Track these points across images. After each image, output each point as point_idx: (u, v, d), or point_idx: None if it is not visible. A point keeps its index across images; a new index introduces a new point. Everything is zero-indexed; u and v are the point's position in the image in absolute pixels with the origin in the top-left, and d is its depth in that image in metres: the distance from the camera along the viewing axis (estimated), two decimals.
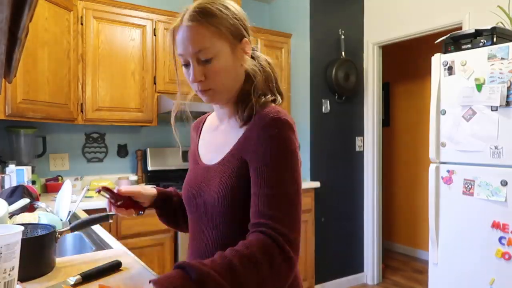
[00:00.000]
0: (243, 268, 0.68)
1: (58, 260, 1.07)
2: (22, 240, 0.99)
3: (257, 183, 0.79)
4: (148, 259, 2.33)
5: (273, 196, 0.77)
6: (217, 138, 0.96)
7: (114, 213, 1.22)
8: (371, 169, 3.51)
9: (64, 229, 1.09)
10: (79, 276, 0.91)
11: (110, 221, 1.22)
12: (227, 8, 0.85)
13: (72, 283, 0.90)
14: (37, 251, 0.97)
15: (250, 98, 0.86)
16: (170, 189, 1.13)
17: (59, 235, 1.04)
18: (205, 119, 1.10)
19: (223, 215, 0.85)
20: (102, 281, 0.94)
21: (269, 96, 0.89)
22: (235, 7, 0.88)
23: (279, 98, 0.92)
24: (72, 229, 1.11)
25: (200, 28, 0.82)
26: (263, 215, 0.76)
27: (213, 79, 0.85)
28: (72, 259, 1.11)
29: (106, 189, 0.98)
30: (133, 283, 0.94)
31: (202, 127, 1.08)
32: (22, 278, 0.93)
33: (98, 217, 1.20)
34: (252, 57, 0.92)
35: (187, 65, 0.87)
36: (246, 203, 0.81)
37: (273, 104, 0.88)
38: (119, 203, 1.00)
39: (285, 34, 3.40)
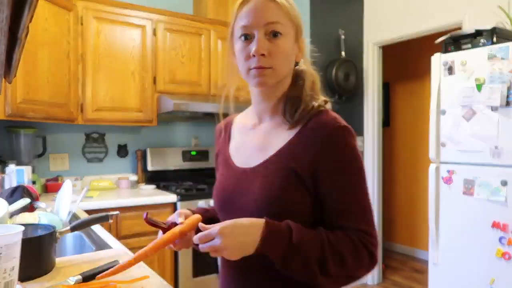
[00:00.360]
0: (333, 252, 0.75)
1: (58, 260, 1.07)
2: (22, 240, 0.99)
3: (333, 192, 0.80)
4: (148, 259, 2.33)
5: (351, 202, 0.80)
6: (257, 138, 0.90)
7: (114, 213, 1.22)
8: (371, 169, 3.51)
9: (64, 229, 1.09)
10: (79, 276, 0.91)
11: (110, 221, 1.22)
12: (295, 5, 0.89)
13: (72, 283, 0.90)
14: (37, 251, 0.97)
15: (301, 98, 0.85)
16: (205, 209, 1.03)
17: (59, 235, 1.04)
18: (233, 119, 1.02)
19: (268, 212, 0.79)
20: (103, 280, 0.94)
21: (321, 100, 0.88)
22: (297, 9, 0.91)
23: (327, 101, 0.90)
24: (72, 229, 1.11)
25: (278, 3, 0.83)
26: (348, 220, 0.80)
27: (276, 57, 0.82)
28: (72, 259, 1.11)
29: (151, 222, 0.88)
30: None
31: (231, 128, 1.00)
32: (22, 278, 0.93)
33: (98, 217, 1.20)
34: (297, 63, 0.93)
35: (247, 38, 0.82)
36: (290, 209, 0.79)
37: (326, 110, 0.86)
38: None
39: None
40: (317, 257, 0.73)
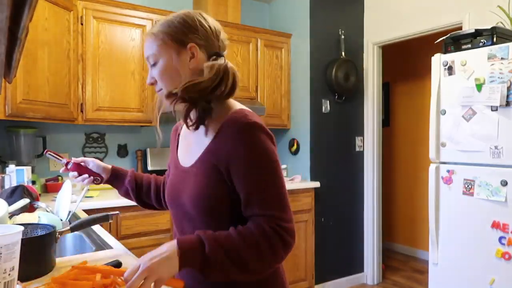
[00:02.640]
0: (248, 250, 0.81)
1: (58, 260, 1.07)
2: (22, 240, 0.99)
3: (244, 186, 0.85)
4: None
5: (261, 194, 0.85)
6: (191, 140, 0.99)
7: (114, 213, 1.22)
8: (371, 169, 3.51)
9: (64, 229, 1.09)
10: None
11: (110, 221, 1.22)
12: (177, 16, 0.94)
13: None
14: (37, 251, 0.97)
15: (198, 101, 0.90)
16: (128, 170, 1.23)
17: (59, 235, 1.04)
18: (182, 124, 1.11)
19: (200, 215, 0.90)
20: None
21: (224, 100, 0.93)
22: (189, 15, 0.94)
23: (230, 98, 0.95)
24: (72, 229, 1.11)
25: (150, 37, 0.95)
26: (258, 209, 0.85)
27: (159, 81, 0.94)
28: (72, 259, 1.11)
29: (51, 152, 1.15)
30: None
31: (180, 130, 1.10)
32: (22, 278, 0.93)
33: (98, 217, 1.20)
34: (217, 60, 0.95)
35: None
36: (221, 202, 0.88)
37: (240, 109, 0.91)
38: (68, 166, 1.15)
39: (285, 34, 3.40)
40: (233, 260, 0.80)
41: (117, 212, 1.32)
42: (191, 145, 0.98)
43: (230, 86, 0.92)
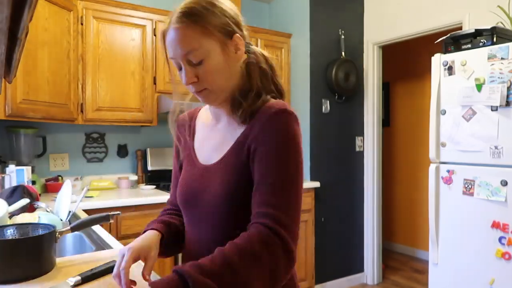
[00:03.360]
0: (244, 266, 0.70)
1: (58, 260, 1.07)
2: (22, 239, 0.99)
3: (261, 172, 0.79)
4: None
5: (277, 185, 0.77)
6: (215, 136, 0.92)
7: (114, 213, 1.22)
8: (371, 169, 3.51)
9: (64, 229, 1.09)
10: (78, 277, 0.91)
11: (111, 221, 1.22)
12: (213, 5, 0.83)
13: (72, 283, 0.90)
14: (37, 250, 0.97)
15: (246, 99, 0.85)
16: (164, 219, 1.00)
17: (59, 235, 1.04)
18: (197, 113, 1.04)
19: (225, 215, 0.84)
20: (102, 280, 0.94)
21: (266, 96, 0.87)
22: (223, 3, 0.85)
23: (280, 91, 0.91)
24: (73, 229, 1.11)
25: (187, 29, 0.80)
26: (267, 204, 0.77)
27: (206, 79, 0.83)
28: (72, 259, 1.11)
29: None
30: None
31: (195, 122, 1.02)
32: (22, 278, 0.93)
33: (98, 217, 1.20)
34: (248, 52, 0.89)
35: (179, 67, 0.85)
36: (247, 203, 0.81)
37: (272, 100, 0.86)
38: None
39: (285, 34, 3.40)
40: (229, 285, 0.68)
41: (118, 212, 1.32)
42: (215, 139, 0.92)
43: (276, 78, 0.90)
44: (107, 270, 0.98)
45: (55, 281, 0.94)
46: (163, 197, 2.46)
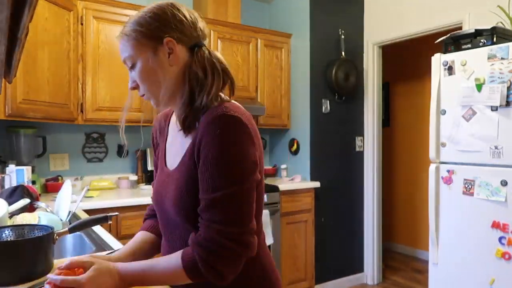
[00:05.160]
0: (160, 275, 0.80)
1: (56, 261, 1.06)
2: (20, 241, 0.99)
3: (201, 186, 0.79)
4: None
5: (213, 200, 0.77)
6: (177, 141, 0.92)
7: (113, 214, 1.22)
8: (371, 169, 3.51)
9: (62, 231, 1.08)
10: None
11: (109, 222, 1.22)
12: (148, 12, 0.86)
13: None
14: (34, 252, 0.96)
15: (182, 108, 0.84)
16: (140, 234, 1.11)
17: (57, 237, 1.03)
18: (171, 115, 1.01)
19: (180, 221, 0.85)
20: None
21: (208, 100, 0.82)
22: (161, 8, 0.85)
23: (223, 96, 0.86)
24: (71, 231, 1.11)
25: (122, 38, 0.87)
26: (205, 217, 0.78)
27: (141, 84, 0.87)
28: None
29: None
30: None
31: (168, 125, 1.00)
32: (19, 280, 0.93)
33: (97, 218, 1.19)
34: (196, 54, 0.86)
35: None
36: (197, 207, 0.81)
37: (222, 102, 0.83)
38: None
39: (285, 34, 3.40)
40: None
41: (116, 213, 1.32)
42: (177, 146, 0.91)
43: (221, 79, 0.84)
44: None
45: None
46: None
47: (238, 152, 0.77)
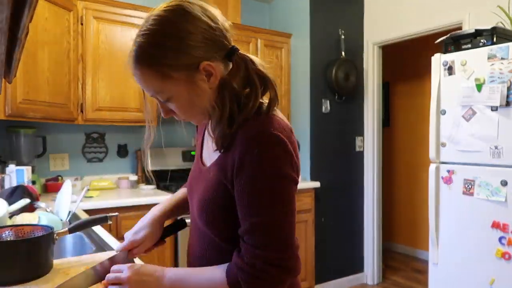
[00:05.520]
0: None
1: (56, 261, 1.06)
2: (19, 241, 0.99)
3: (241, 208, 0.76)
4: (148, 259, 2.33)
5: (248, 226, 0.74)
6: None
7: (113, 214, 1.22)
8: (371, 169, 3.51)
9: (62, 231, 1.08)
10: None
11: (109, 222, 1.22)
12: (166, 35, 0.74)
13: None
14: (35, 252, 0.96)
15: (216, 128, 0.79)
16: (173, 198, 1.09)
17: (57, 237, 1.03)
18: None
19: (203, 221, 0.84)
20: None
21: (245, 116, 0.77)
22: (182, 24, 0.73)
23: (267, 102, 0.81)
24: (71, 231, 1.11)
25: (144, 75, 0.76)
26: (247, 241, 0.75)
27: (179, 114, 0.82)
28: (70, 261, 1.10)
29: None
30: None
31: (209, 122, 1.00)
32: (18, 280, 0.93)
33: (96, 218, 1.19)
34: (233, 62, 0.80)
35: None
36: (223, 214, 0.80)
37: (261, 116, 0.77)
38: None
39: (285, 34, 3.40)
40: None
41: (116, 213, 1.32)
42: (211, 145, 0.87)
43: (263, 89, 0.80)
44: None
45: (53, 283, 0.93)
46: (163, 197, 2.46)
47: (278, 174, 0.73)
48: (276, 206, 0.73)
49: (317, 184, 3.19)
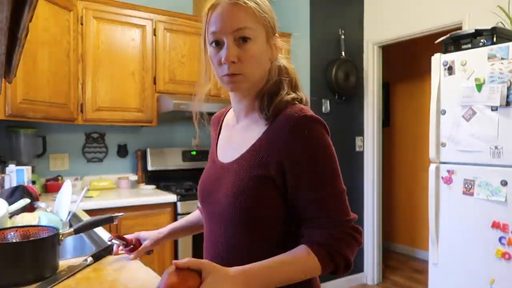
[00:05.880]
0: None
1: (61, 263, 1.06)
2: (25, 242, 0.98)
3: (299, 189, 0.78)
4: (148, 259, 2.33)
5: (321, 199, 0.78)
6: (235, 135, 0.92)
7: (119, 214, 1.23)
8: (371, 169, 3.51)
9: (68, 231, 1.06)
10: (91, 258, 1.04)
11: (115, 222, 1.22)
12: (264, 1, 0.87)
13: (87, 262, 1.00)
14: (40, 253, 0.95)
15: (279, 93, 0.85)
16: (183, 221, 1.15)
17: (62, 238, 1.02)
18: (225, 113, 1.04)
19: (234, 214, 0.81)
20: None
21: (294, 95, 0.87)
22: (268, 4, 0.89)
23: (304, 98, 0.90)
24: (76, 231, 1.09)
25: (244, 7, 0.81)
26: (319, 218, 0.79)
27: (246, 63, 0.81)
28: (75, 262, 1.10)
29: (117, 237, 1.11)
30: (133, 283, 0.94)
31: (222, 123, 1.02)
32: (25, 282, 0.92)
33: (102, 218, 1.19)
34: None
35: (218, 44, 0.82)
36: (257, 204, 0.79)
37: (297, 103, 0.85)
38: (130, 247, 1.13)
39: (285, 34, 3.40)
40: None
41: (122, 213, 1.32)
42: (234, 139, 0.91)
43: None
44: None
45: (58, 284, 0.93)
46: (163, 197, 2.46)
47: (328, 150, 0.80)
48: (335, 178, 0.80)
49: None
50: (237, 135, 0.91)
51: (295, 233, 0.82)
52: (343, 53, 3.36)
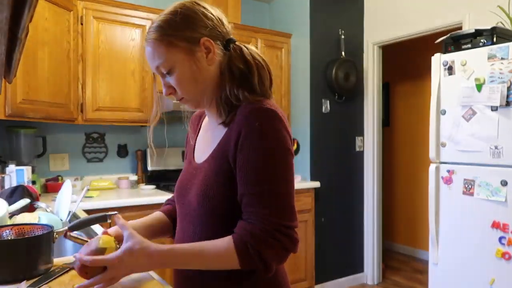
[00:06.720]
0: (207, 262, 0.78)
1: (56, 260, 1.06)
2: (20, 240, 0.99)
3: (241, 182, 0.79)
4: None
5: (257, 195, 0.77)
6: (207, 136, 0.95)
7: (112, 213, 1.23)
8: (371, 169, 3.51)
9: (61, 229, 1.08)
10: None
11: (109, 221, 1.22)
12: (175, 13, 0.83)
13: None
14: (34, 251, 0.97)
15: (223, 101, 0.84)
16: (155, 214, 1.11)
17: (56, 235, 1.04)
18: (203, 117, 1.06)
19: (204, 214, 0.84)
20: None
21: (246, 94, 0.83)
22: (190, 7, 0.84)
23: (261, 96, 0.85)
24: (70, 229, 1.11)
25: (152, 43, 0.83)
26: (257, 210, 0.77)
27: (179, 89, 0.86)
28: (70, 259, 1.10)
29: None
30: (132, 281, 0.94)
31: (201, 124, 1.04)
32: (20, 278, 0.93)
33: (96, 217, 1.20)
34: (231, 50, 0.87)
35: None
36: (226, 202, 0.81)
37: (259, 99, 0.83)
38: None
39: (285, 34, 3.40)
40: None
41: (115, 212, 1.32)
42: (208, 140, 0.93)
43: (265, 72, 0.86)
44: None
45: (53, 281, 0.94)
46: (163, 197, 2.46)
47: (280, 144, 0.78)
48: (282, 176, 0.78)
49: (317, 184, 3.19)
50: (208, 136, 0.93)
51: None
52: (343, 53, 3.36)
